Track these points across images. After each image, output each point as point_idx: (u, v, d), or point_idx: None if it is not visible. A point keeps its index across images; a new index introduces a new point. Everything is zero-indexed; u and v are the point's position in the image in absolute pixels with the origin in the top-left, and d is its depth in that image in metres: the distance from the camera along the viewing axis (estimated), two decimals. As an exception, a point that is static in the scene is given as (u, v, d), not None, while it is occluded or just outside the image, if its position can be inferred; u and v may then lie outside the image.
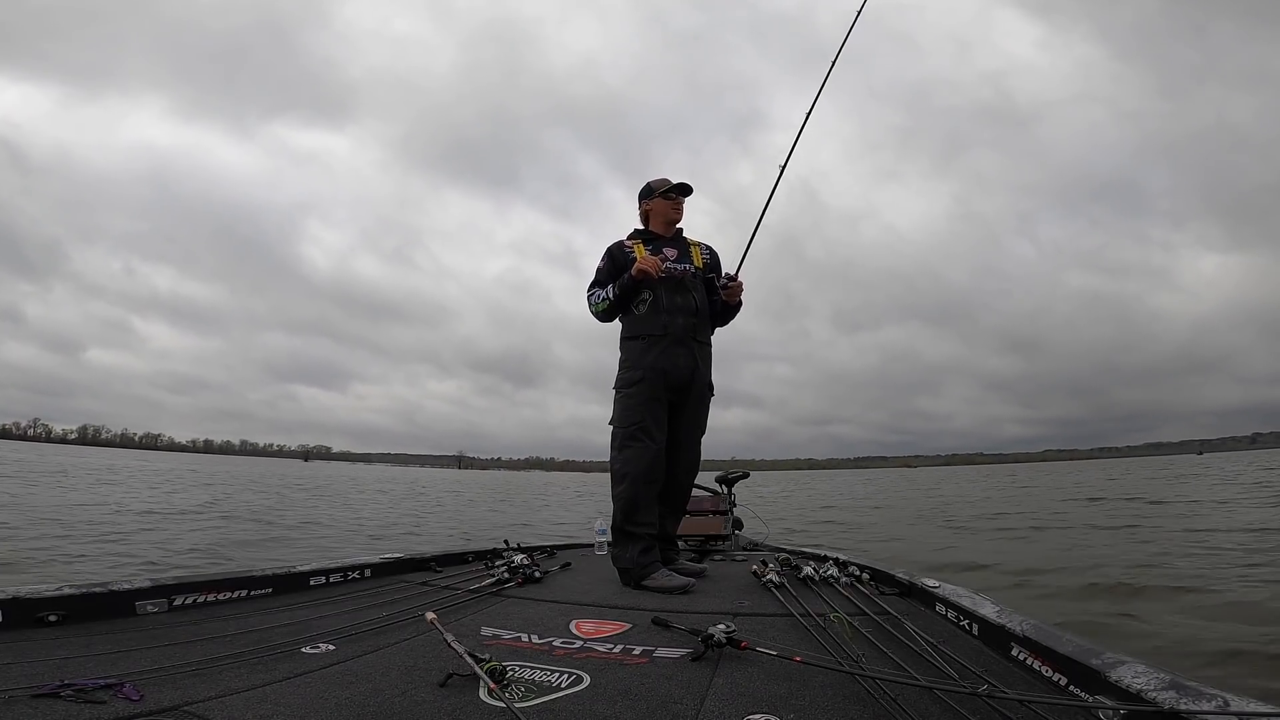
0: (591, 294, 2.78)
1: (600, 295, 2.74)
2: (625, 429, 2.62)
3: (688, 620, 1.73)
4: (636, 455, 2.58)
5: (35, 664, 1.33)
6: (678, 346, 2.65)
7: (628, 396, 2.65)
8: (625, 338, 2.75)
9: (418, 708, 1.17)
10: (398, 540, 8.05)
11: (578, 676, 1.35)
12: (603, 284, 2.75)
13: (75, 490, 12.96)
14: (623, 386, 2.68)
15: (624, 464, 2.59)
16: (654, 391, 2.62)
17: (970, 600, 1.80)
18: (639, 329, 2.69)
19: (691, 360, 2.67)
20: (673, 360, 2.64)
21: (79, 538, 6.52)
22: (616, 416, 2.67)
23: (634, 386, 2.64)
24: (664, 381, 2.63)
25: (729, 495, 3.96)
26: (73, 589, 1.73)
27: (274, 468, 61.31)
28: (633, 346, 2.69)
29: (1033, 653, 1.39)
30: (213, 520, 8.99)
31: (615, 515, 2.61)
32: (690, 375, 2.67)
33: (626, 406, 2.64)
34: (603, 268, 2.77)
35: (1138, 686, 1.04)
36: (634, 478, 2.57)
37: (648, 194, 2.81)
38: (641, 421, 2.60)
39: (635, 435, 2.60)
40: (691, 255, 2.79)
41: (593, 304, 2.76)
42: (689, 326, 2.68)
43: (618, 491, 2.60)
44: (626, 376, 2.67)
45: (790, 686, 1.30)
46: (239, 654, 1.43)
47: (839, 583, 2.33)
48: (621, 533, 2.58)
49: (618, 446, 2.63)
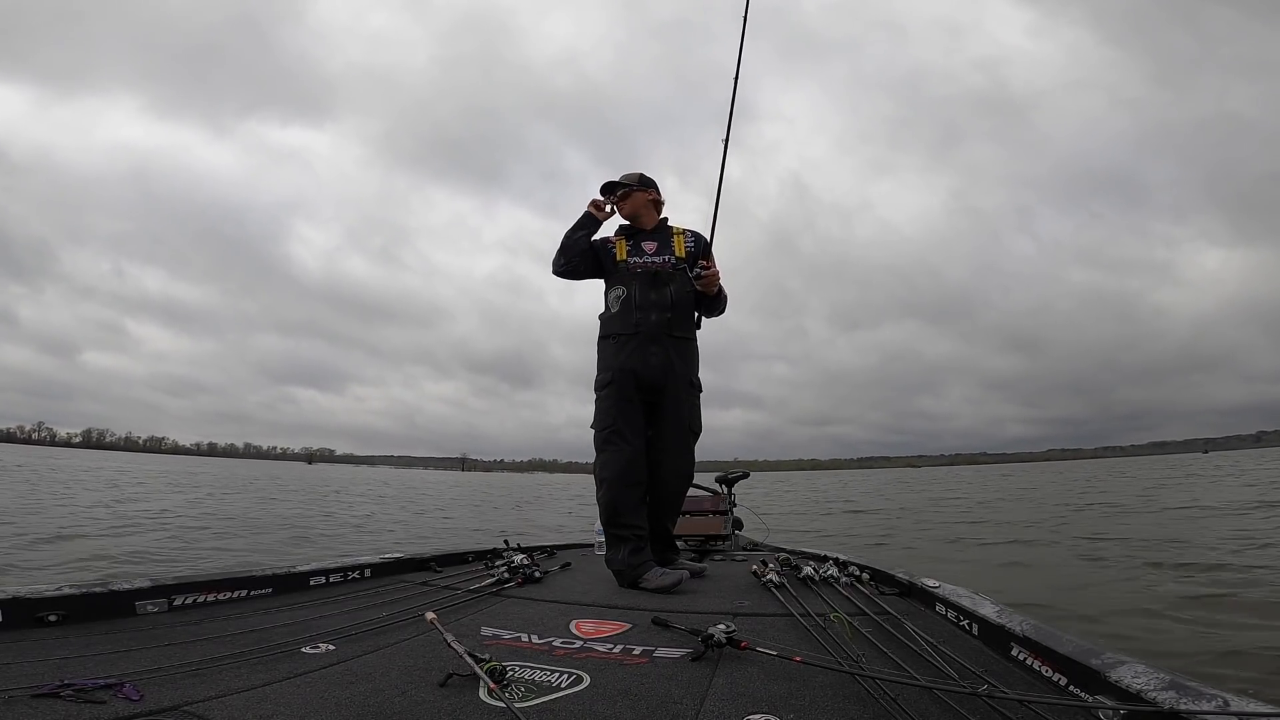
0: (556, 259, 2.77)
1: (559, 262, 2.73)
2: (600, 433, 2.62)
3: (688, 620, 1.73)
4: (612, 459, 2.57)
5: (35, 664, 1.33)
6: (650, 344, 2.59)
7: (601, 399, 2.64)
8: (599, 337, 2.71)
9: (418, 708, 1.17)
10: (418, 543, 8.07)
11: (578, 676, 1.35)
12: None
13: (153, 499, 12.85)
14: (597, 389, 2.66)
15: (601, 468, 2.59)
16: (624, 393, 2.59)
17: (970, 600, 1.80)
18: (611, 328, 2.66)
19: (664, 357, 2.60)
20: (644, 359, 2.58)
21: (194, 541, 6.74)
22: (594, 419, 2.67)
23: (605, 389, 2.62)
24: (634, 382, 2.58)
25: (729, 495, 3.96)
26: (73, 589, 1.73)
27: (280, 470, 61.25)
28: (605, 347, 2.67)
29: (1033, 653, 1.39)
30: (304, 529, 9.03)
31: (599, 517, 2.62)
32: (663, 374, 2.60)
33: (600, 409, 2.63)
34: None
35: (1138, 686, 1.04)
36: (611, 482, 2.56)
37: (612, 189, 2.80)
38: (614, 424, 2.58)
39: (609, 439, 2.59)
40: (674, 245, 2.72)
41: (557, 269, 2.74)
42: (663, 322, 2.61)
43: (599, 496, 2.60)
44: (599, 378, 2.66)
45: (790, 686, 1.30)
46: (239, 654, 1.43)
47: (839, 583, 2.33)
48: (609, 536, 2.58)
49: (597, 450, 2.63)
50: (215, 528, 8.23)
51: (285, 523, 9.48)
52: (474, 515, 13.21)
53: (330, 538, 8.00)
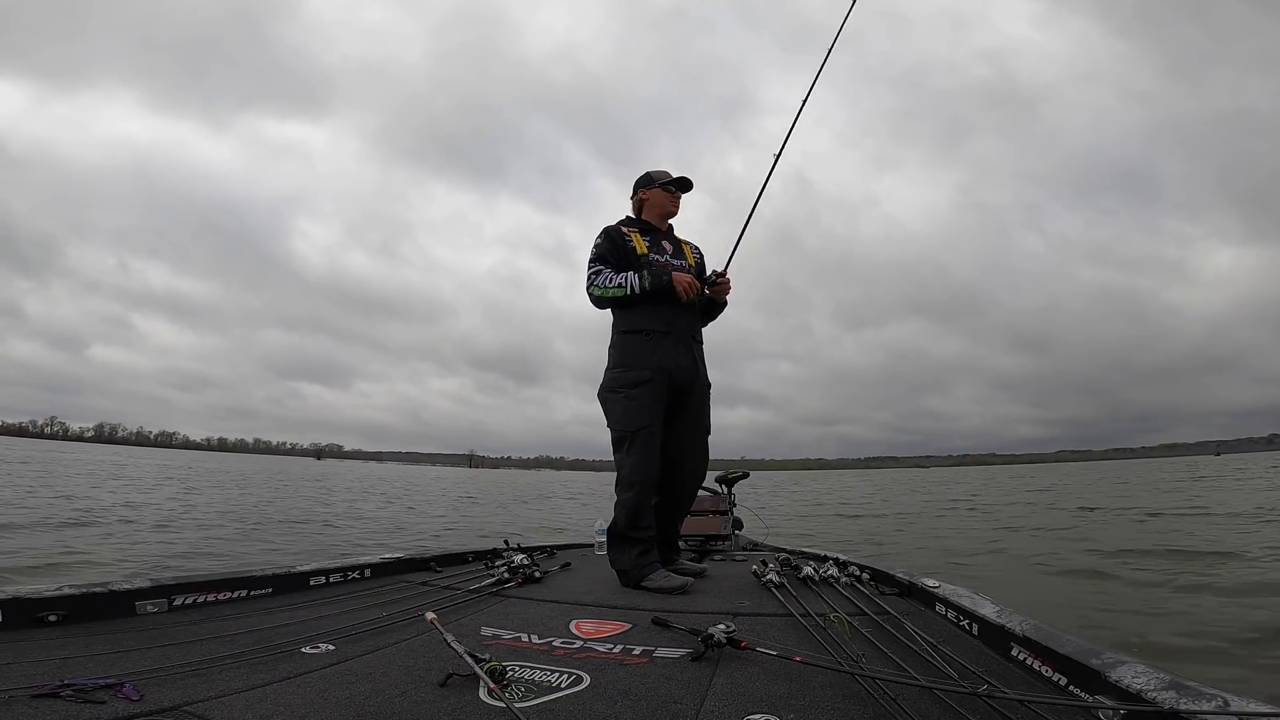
0: (600, 274, 2.57)
1: (616, 281, 2.54)
2: (633, 432, 2.49)
3: (688, 620, 1.73)
4: (645, 461, 2.48)
5: (35, 664, 1.33)
6: (680, 344, 2.58)
7: (632, 398, 2.51)
8: (624, 331, 2.59)
9: (418, 708, 1.17)
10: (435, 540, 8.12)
11: (578, 676, 1.35)
12: (607, 262, 2.59)
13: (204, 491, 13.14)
14: (626, 386, 2.53)
15: (632, 470, 2.48)
16: (659, 392, 2.51)
17: (970, 600, 1.80)
18: (642, 323, 2.56)
19: (692, 359, 2.62)
20: (677, 359, 2.55)
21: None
22: (620, 418, 2.53)
23: (640, 387, 2.51)
24: (668, 382, 2.53)
25: (729, 495, 3.96)
26: (73, 589, 1.73)
27: (291, 466, 61.12)
28: (634, 342, 2.56)
29: (1033, 653, 1.39)
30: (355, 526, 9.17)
31: (619, 520, 2.50)
32: (693, 375, 2.61)
33: (631, 409, 2.51)
34: (604, 245, 2.61)
35: (1138, 686, 1.04)
36: (642, 485, 2.48)
37: (647, 183, 2.73)
38: (650, 425, 2.49)
39: (645, 441, 2.48)
40: (684, 253, 2.73)
41: (600, 286, 2.55)
42: (690, 323, 2.63)
43: (625, 498, 2.50)
44: (631, 376, 2.53)
45: (790, 686, 1.30)
46: (239, 654, 1.43)
47: (839, 583, 2.33)
48: (623, 538, 2.49)
49: (625, 450, 2.50)
50: (293, 529, 8.39)
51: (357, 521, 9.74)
52: (502, 512, 13.30)
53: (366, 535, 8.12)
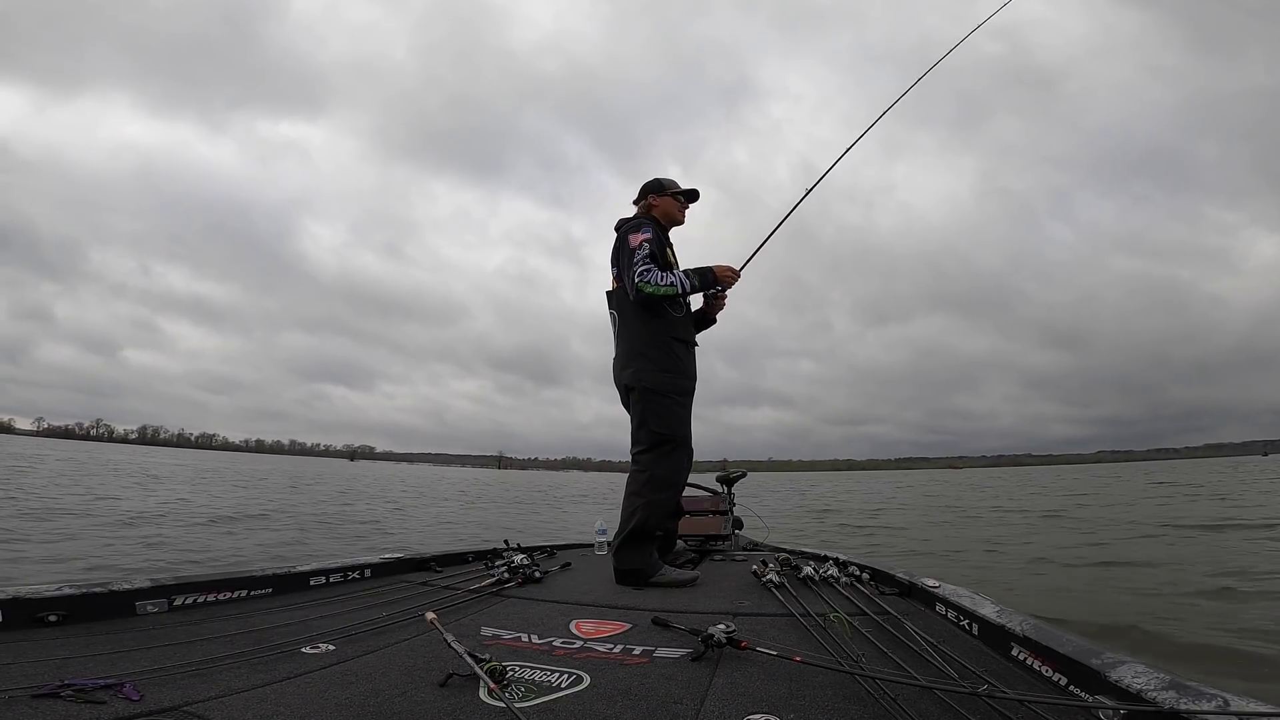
0: (650, 272, 2.49)
1: (668, 280, 2.50)
2: (681, 438, 2.61)
3: (688, 620, 1.73)
4: (685, 467, 2.63)
5: (35, 664, 1.33)
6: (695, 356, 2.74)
7: (684, 405, 2.62)
8: (675, 339, 2.62)
9: (418, 708, 1.17)
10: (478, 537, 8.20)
11: (578, 676, 1.35)
12: (656, 261, 2.52)
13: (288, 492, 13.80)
14: (682, 393, 2.62)
15: (677, 473, 2.61)
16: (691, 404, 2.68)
17: (970, 600, 1.80)
18: (685, 333, 2.67)
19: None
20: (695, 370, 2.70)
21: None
22: (672, 422, 2.58)
23: (688, 395, 2.65)
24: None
25: (729, 495, 3.96)
26: (73, 589, 1.73)
27: (327, 467, 61.50)
28: (682, 351, 2.64)
29: (1033, 653, 1.39)
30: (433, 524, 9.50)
31: (649, 519, 2.52)
32: None
33: (684, 416, 2.62)
34: (654, 245, 2.54)
35: (1138, 686, 1.04)
36: (680, 487, 2.66)
37: (658, 189, 2.74)
38: (690, 432, 2.64)
39: (688, 446, 2.63)
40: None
41: (653, 284, 2.48)
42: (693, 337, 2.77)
43: (662, 498, 2.57)
44: (683, 384, 2.63)
45: (790, 686, 1.30)
46: (239, 654, 1.43)
47: (839, 583, 2.33)
48: (648, 537, 2.54)
49: (668, 453, 2.57)
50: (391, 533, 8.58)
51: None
52: (575, 514, 13.43)
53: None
